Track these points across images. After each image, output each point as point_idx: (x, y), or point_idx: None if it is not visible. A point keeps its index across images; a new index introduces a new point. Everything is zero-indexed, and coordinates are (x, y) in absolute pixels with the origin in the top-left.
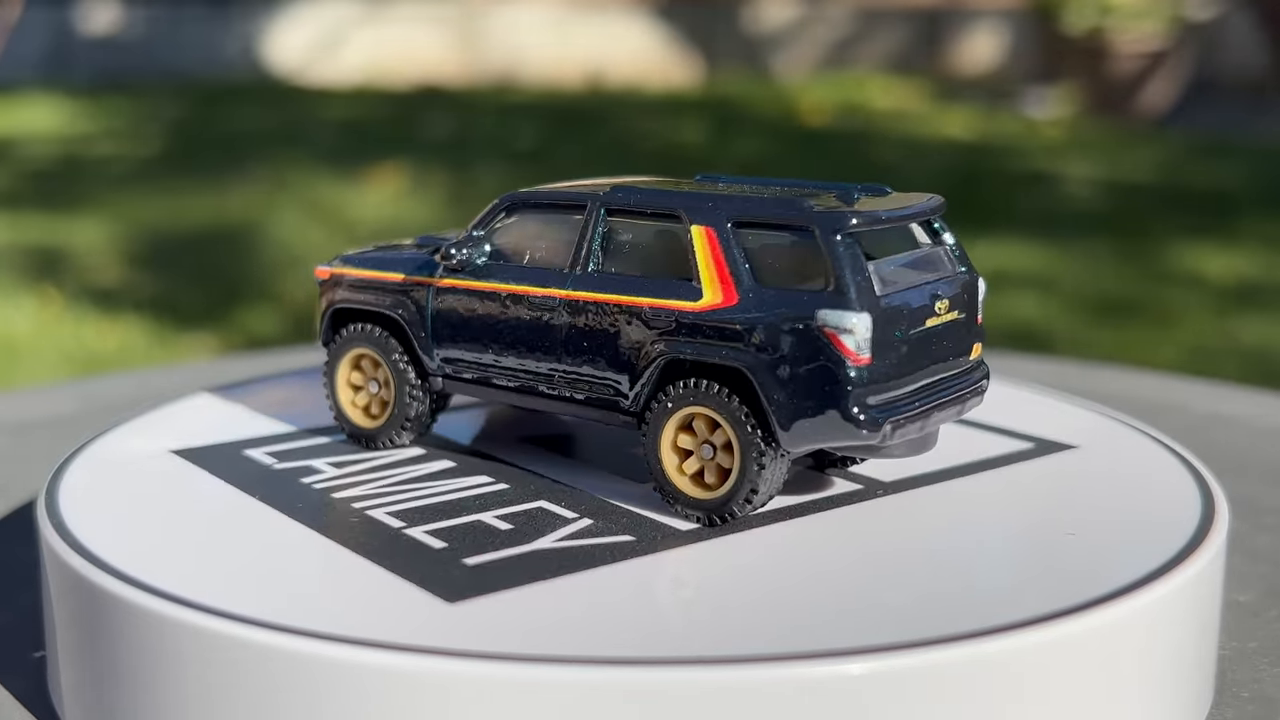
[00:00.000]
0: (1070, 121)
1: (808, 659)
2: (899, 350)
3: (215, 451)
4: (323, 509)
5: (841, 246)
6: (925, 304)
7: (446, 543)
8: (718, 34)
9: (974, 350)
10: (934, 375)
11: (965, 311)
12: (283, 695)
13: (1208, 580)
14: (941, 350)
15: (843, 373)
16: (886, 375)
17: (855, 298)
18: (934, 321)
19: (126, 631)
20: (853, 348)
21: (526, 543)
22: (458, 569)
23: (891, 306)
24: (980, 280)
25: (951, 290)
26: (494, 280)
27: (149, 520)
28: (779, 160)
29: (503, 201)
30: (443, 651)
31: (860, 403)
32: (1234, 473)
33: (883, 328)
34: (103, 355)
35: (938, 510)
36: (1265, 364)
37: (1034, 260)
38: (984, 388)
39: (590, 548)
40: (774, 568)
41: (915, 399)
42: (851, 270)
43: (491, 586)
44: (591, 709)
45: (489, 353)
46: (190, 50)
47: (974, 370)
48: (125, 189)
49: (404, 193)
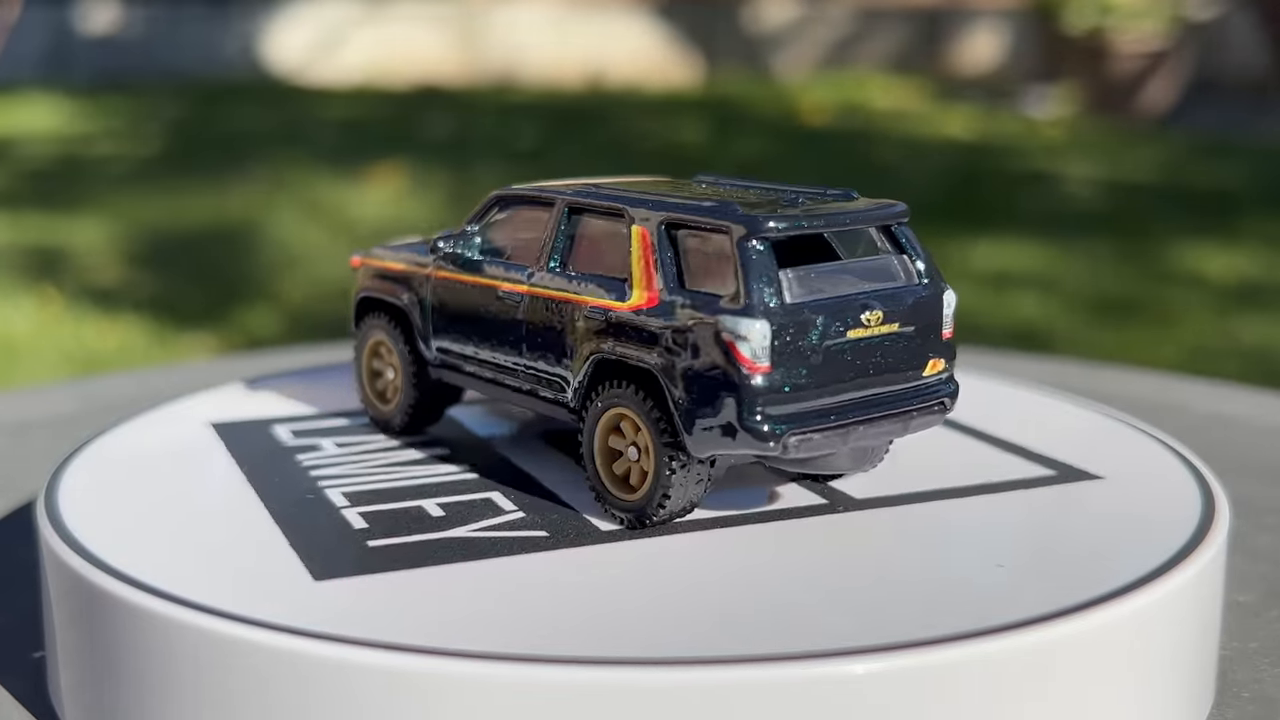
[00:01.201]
0: (1070, 121)
1: (810, 659)
2: (812, 361)
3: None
4: (293, 489)
5: (751, 251)
6: (850, 315)
7: (369, 524)
8: (718, 34)
9: (931, 366)
10: (866, 389)
11: (914, 325)
12: (281, 695)
13: (1208, 580)
14: (875, 364)
15: (739, 380)
16: (796, 386)
17: (755, 304)
18: (860, 333)
19: (126, 631)
20: (749, 355)
21: (444, 530)
22: (355, 549)
23: (803, 316)
24: (948, 294)
25: (892, 302)
26: (476, 273)
27: (148, 520)
28: (779, 160)
29: (493, 197)
30: (263, 624)
31: (758, 412)
32: (1234, 473)
33: (790, 337)
34: (102, 355)
35: (937, 510)
36: (1266, 364)
37: (1034, 260)
38: (945, 405)
39: (499, 540)
40: (659, 574)
41: (833, 413)
42: (755, 276)
43: (368, 568)
44: (380, 698)
45: (470, 344)
46: (190, 50)
47: (930, 386)
48: (125, 189)
49: (404, 193)
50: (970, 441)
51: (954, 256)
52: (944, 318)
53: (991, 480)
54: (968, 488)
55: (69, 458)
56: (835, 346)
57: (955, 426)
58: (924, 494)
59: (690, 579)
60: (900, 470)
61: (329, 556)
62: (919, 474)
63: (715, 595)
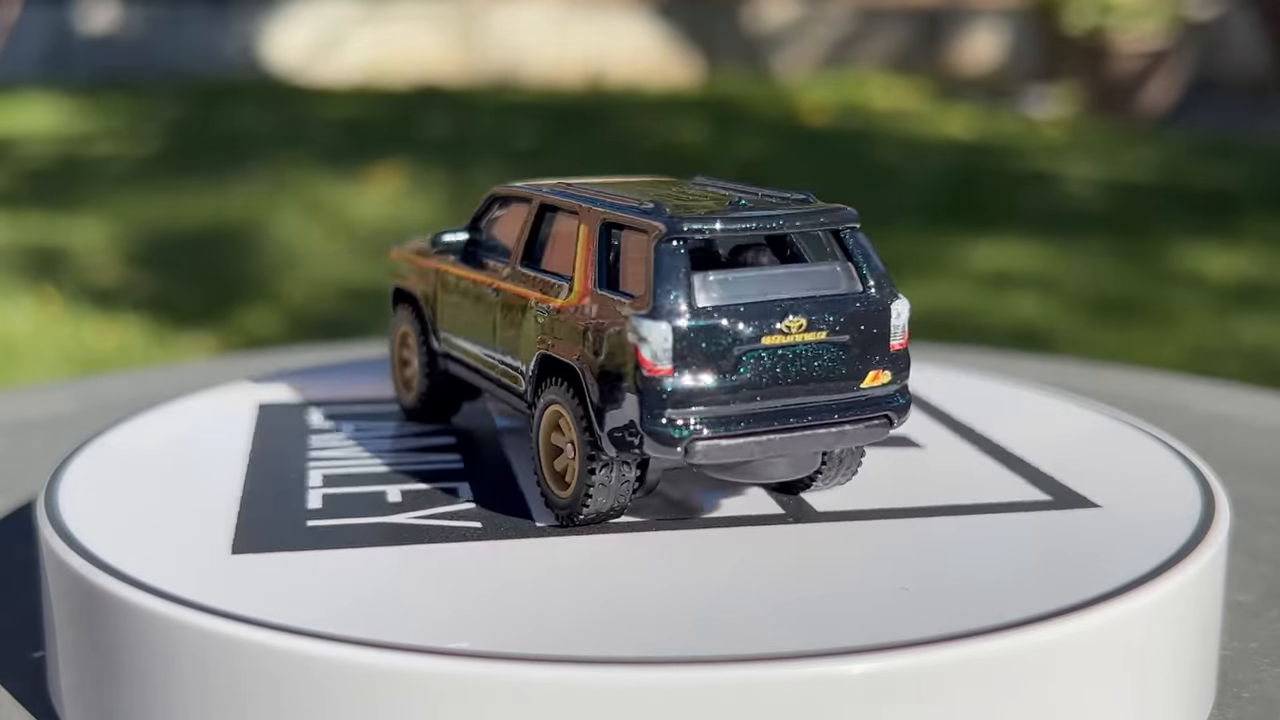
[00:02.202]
0: (1071, 121)
1: (810, 658)
2: (722, 366)
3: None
4: (287, 469)
5: (662, 253)
6: (767, 321)
7: (323, 505)
8: (718, 34)
9: (872, 378)
10: (785, 398)
11: (849, 334)
12: (286, 694)
13: (1208, 580)
14: (798, 373)
15: (641, 383)
16: (703, 391)
17: (659, 306)
18: (777, 340)
19: (126, 631)
20: (649, 358)
21: (387, 515)
22: (291, 527)
23: (712, 320)
24: (898, 304)
25: (819, 310)
26: (467, 268)
27: (148, 520)
28: (779, 160)
29: (491, 194)
30: (264, 623)
31: (660, 416)
32: (1234, 473)
33: (695, 341)
34: (102, 355)
35: (932, 509)
36: (1266, 364)
37: (1035, 260)
38: (890, 420)
39: (430, 528)
40: (563, 573)
41: (743, 420)
42: (663, 277)
43: (290, 545)
44: (389, 701)
45: (460, 337)
46: (190, 50)
47: (872, 399)
48: (124, 189)
49: (404, 192)
50: (970, 441)
51: (954, 256)
52: (892, 329)
53: (985, 479)
54: (961, 486)
55: (69, 458)
56: (749, 353)
57: (955, 426)
58: (910, 492)
59: (598, 580)
60: (900, 475)
61: (259, 532)
62: (908, 480)
63: (618, 596)
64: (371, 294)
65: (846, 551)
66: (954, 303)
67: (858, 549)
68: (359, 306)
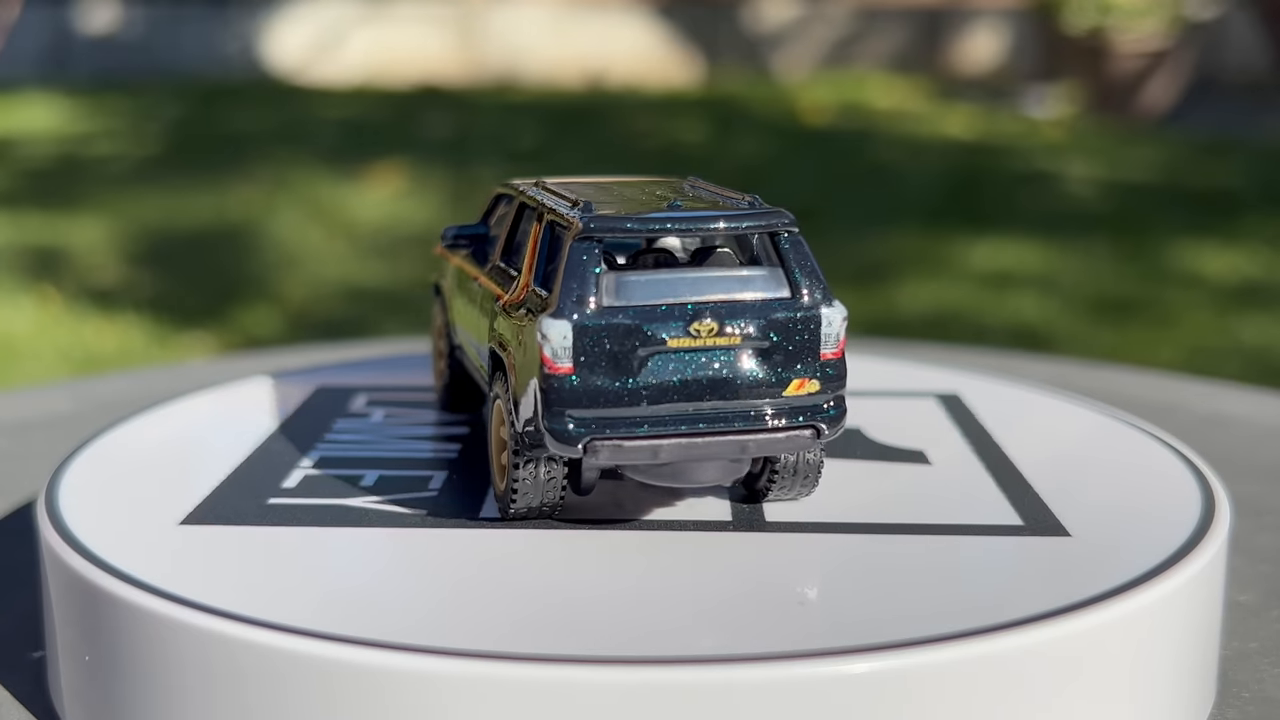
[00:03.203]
0: (1071, 121)
1: (810, 657)
2: (625, 367)
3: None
4: (302, 454)
5: (573, 251)
6: (675, 324)
7: (299, 484)
8: (718, 33)
9: (796, 386)
10: (696, 402)
11: (769, 340)
12: (289, 694)
13: (1208, 580)
14: (709, 377)
15: (542, 381)
16: (606, 391)
17: (561, 305)
18: (685, 343)
19: (126, 631)
20: (550, 356)
21: (346, 498)
22: (254, 503)
23: (615, 320)
24: (829, 312)
25: (735, 315)
26: (472, 263)
27: (149, 520)
28: (779, 160)
29: (495, 193)
30: (266, 623)
31: (559, 415)
32: (1234, 473)
33: (596, 341)
34: (102, 355)
35: (906, 525)
36: (1266, 363)
37: (1035, 260)
38: (818, 431)
39: (376, 512)
40: (471, 566)
41: (648, 422)
42: (569, 275)
43: (237, 520)
44: (393, 702)
45: (460, 330)
46: (190, 49)
47: (796, 408)
48: (124, 188)
49: (404, 192)
50: (970, 442)
51: (954, 256)
52: (823, 336)
53: (985, 478)
54: (963, 487)
55: (69, 458)
56: (656, 355)
57: (953, 428)
58: (871, 529)
59: (503, 576)
60: (893, 480)
61: (216, 507)
62: (898, 489)
63: (505, 594)
64: (371, 294)
65: (765, 560)
66: (954, 303)
67: (777, 558)
68: (359, 306)
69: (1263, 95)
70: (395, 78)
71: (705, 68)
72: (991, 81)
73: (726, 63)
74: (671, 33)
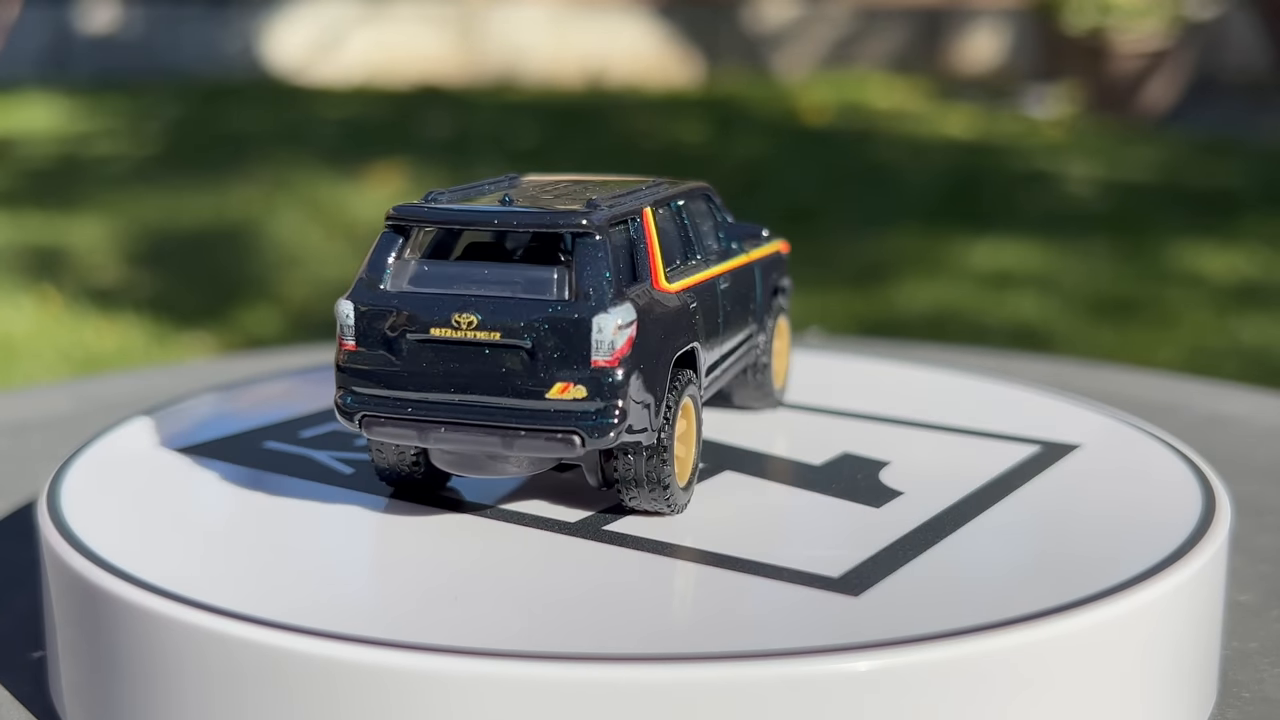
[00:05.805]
0: (1071, 121)
1: (810, 655)
2: (394, 350)
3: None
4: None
5: (380, 238)
6: (440, 313)
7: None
8: (718, 33)
9: (559, 389)
10: (458, 393)
11: (532, 340)
12: (287, 693)
13: (1208, 579)
14: (470, 370)
15: (335, 356)
16: (377, 371)
17: (354, 286)
18: (446, 334)
19: (127, 631)
20: (339, 333)
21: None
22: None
23: (387, 303)
24: (600, 318)
25: (499, 311)
26: None
27: (149, 520)
28: (779, 160)
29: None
30: (265, 623)
31: (341, 389)
32: (1234, 473)
33: (370, 321)
34: (102, 355)
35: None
36: (1266, 363)
37: (1034, 260)
38: (581, 436)
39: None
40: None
41: (411, 405)
42: (370, 259)
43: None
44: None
45: None
46: (190, 49)
47: (559, 412)
48: (124, 188)
49: (404, 192)
50: (970, 440)
51: (954, 256)
52: (593, 343)
53: (986, 477)
54: (965, 486)
55: (70, 458)
56: (418, 342)
57: (954, 426)
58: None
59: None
60: None
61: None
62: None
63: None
64: None
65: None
66: (954, 303)
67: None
68: None
69: (1263, 95)
70: (395, 78)
71: (705, 68)
72: (991, 81)
73: (726, 63)
74: (671, 33)
